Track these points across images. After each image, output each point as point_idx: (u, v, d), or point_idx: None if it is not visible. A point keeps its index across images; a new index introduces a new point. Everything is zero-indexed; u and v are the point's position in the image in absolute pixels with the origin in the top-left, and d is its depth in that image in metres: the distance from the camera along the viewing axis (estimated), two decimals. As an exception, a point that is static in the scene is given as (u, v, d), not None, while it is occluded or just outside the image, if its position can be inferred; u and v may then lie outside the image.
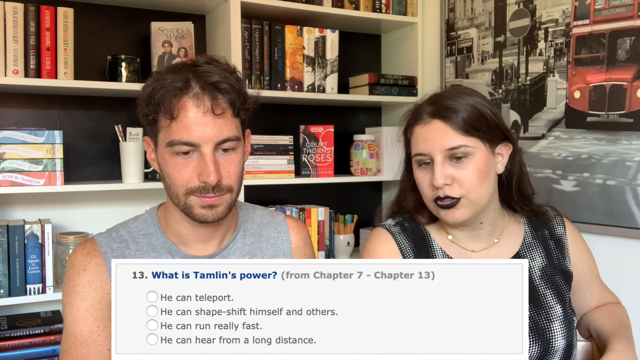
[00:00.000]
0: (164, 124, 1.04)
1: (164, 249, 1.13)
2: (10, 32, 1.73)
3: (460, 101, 1.13)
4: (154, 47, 1.98)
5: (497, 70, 2.12)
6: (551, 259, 1.22)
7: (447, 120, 1.11)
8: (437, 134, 1.12)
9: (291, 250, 1.23)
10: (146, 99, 1.05)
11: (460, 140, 1.11)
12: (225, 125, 1.04)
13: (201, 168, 1.03)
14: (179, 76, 1.03)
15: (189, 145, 1.03)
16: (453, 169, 1.11)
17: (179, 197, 1.06)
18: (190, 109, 1.02)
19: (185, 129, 1.02)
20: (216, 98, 1.03)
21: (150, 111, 1.04)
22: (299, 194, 2.42)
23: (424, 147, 1.13)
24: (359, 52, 2.57)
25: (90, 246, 1.12)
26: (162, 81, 1.04)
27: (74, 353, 1.05)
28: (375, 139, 2.36)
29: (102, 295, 1.08)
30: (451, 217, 1.13)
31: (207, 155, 1.03)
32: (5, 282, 1.73)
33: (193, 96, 1.02)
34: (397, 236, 1.22)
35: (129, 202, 2.08)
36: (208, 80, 1.03)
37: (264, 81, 2.13)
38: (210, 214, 1.07)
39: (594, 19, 1.79)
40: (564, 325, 1.15)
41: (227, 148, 1.06)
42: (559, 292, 1.18)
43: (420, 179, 1.16)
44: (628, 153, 1.70)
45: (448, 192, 1.11)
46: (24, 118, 1.96)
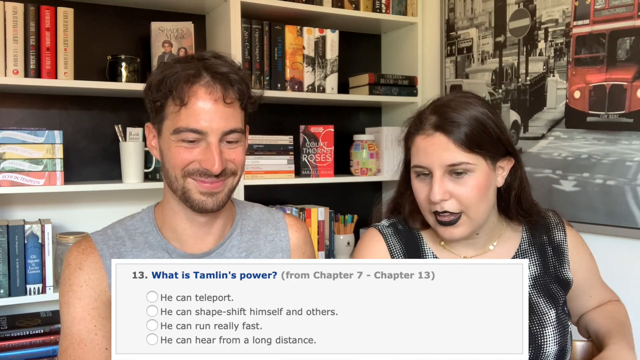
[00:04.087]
0: (172, 110, 1.04)
1: (160, 247, 1.13)
2: (10, 32, 1.73)
3: (464, 114, 1.09)
4: (154, 47, 1.98)
5: (497, 70, 2.12)
6: (547, 266, 1.20)
7: (449, 135, 1.08)
8: (438, 148, 1.09)
9: (289, 248, 1.22)
10: (157, 85, 1.05)
11: (461, 157, 1.08)
12: (233, 116, 1.05)
13: (206, 156, 1.03)
14: (190, 65, 1.05)
15: (196, 133, 1.03)
16: (452, 184, 1.09)
17: (177, 180, 1.06)
18: (202, 97, 1.03)
19: (194, 116, 1.02)
20: (227, 88, 1.04)
21: (160, 97, 1.04)
22: (299, 194, 2.42)
23: (424, 160, 1.10)
24: (359, 52, 2.57)
25: (85, 244, 1.12)
26: (173, 69, 1.05)
27: (72, 353, 1.04)
28: (375, 139, 2.36)
29: (99, 294, 1.08)
30: (448, 235, 1.12)
31: (213, 144, 1.03)
32: (5, 282, 1.73)
33: (205, 84, 1.03)
34: (389, 238, 1.21)
35: (129, 202, 2.08)
36: (219, 70, 1.05)
37: (264, 81, 2.13)
38: (210, 201, 1.06)
39: (594, 19, 1.79)
40: (557, 330, 1.14)
41: (232, 140, 1.06)
42: (552, 297, 1.17)
43: (418, 190, 1.14)
44: (628, 153, 1.70)
45: (446, 207, 1.09)
46: (24, 118, 1.96)
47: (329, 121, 2.33)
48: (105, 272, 1.09)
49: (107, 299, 1.08)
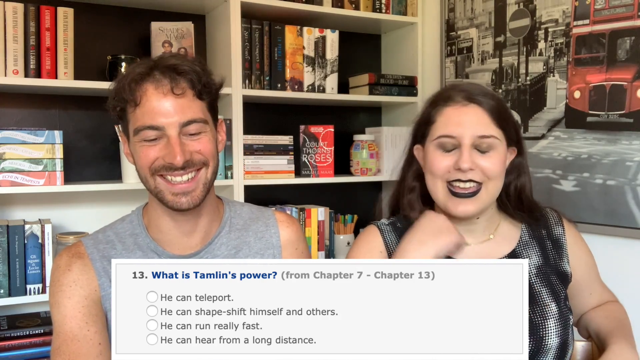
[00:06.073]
0: (130, 113, 1.06)
1: (149, 249, 1.14)
2: (10, 32, 1.73)
3: (490, 92, 1.16)
4: (154, 47, 1.98)
5: (497, 70, 2.12)
6: (547, 258, 1.21)
7: (484, 107, 1.12)
8: (473, 118, 1.11)
9: (280, 244, 1.21)
10: (113, 93, 1.08)
11: (492, 129, 1.11)
12: (188, 107, 1.05)
13: (167, 150, 1.04)
14: (142, 66, 1.07)
15: (154, 130, 1.04)
16: (478, 157, 1.11)
17: (148, 181, 1.07)
18: (152, 93, 1.04)
19: (148, 113, 1.04)
20: (175, 79, 1.05)
21: (117, 103, 1.07)
22: (299, 194, 2.42)
23: (455, 130, 1.11)
24: (359, 52, 2.57)
25: (75, 249, 1.13)
26: (128, 74, 1.07)
27: (65, 350, 1.05)
28: (375, 139, 2.36)
29: (88, 293, 1.08)
30: (462, 209, 1.12)
31: (172, 137, 1.04)
32: (5, 282, 1.73)
33: (152, 80, 1.05)
34: (386, 233, 1.22)
35: (128, 202, 2.08)
36: (166, 63, 1.06)
37: (264, 81, 2.13)
38: (184, 200, 1.07)
39: (594, 19, 1.79)
40: (559, 323, 1.14)
41: (194, 132, 1.06)
42: (554, 290, 1.18)
43: (436, 159, 1.14)
44: (628, 153, 1.70)
45: (470, 175, 1.10)
46: (24, 118, 1.96)
47: (329, 121, 2.33)
48: (94, 274, 1.10)
49: (97, 298, 1.09)
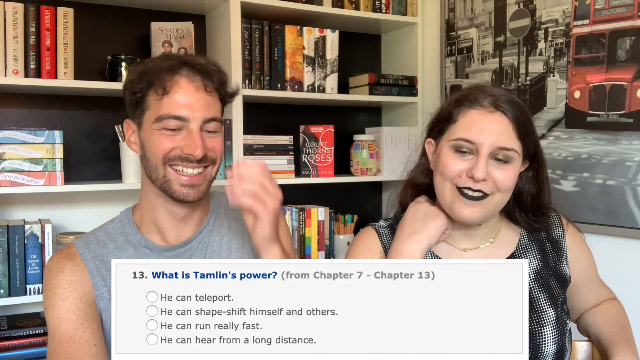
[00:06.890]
0: (154, 100, 1.07)
1: (140, 245, 1.16)
2: (10, 32, 1.73)
3: (519, 103, 1.10)
4: (154, 47, 1.98)
5: (497, 70, 2.12)
6: (547, 261, 1.20)
7: (509, 116, 1.08)
8: (497, 127, 1.07)
9: None
10: (138, 77, 1.09)
11: (514, 143, 1.08)
12: (212, 105, 1.10)
13: (188, 142, 1.07)
14: (170, 59, 1.10)
15: (178, 120, 1.06)
16: (494, 168, 1.08)
17: (157, 170, 1.09)
18: (183, 85, 1.07)
19: (176, 103, 1.06)
20: (206, 78, 1.10)
21: (141, 88, 1.08)
22: (299, 194, 2.42)
23: (476, 136, 1.07)
24: (359, 52, 2.57)
25: (66, 251, 1.14)
26: (154, 62, 1.09)
27: (61, 352, 1.04)
28: (375, 139, 2.36)
29: (82, 294, 1.09)
30: (467, 213, 1.09)
31: (194, 131, 1.07)
32: (5, 282, 1.73)
33: (185, 75, 1.08)
34: (383, 235, 1.22)
35: (128, 202, 2.06)
36: (197, 62, 1.10)
37: (264, 81, 2.13)
38: (191, 192, 1.10)
39: (594, 19, 1.79)
40: (556, 329, 1.13)
41: (211, 130, 1.10)
42: (552, 295, 1.16)
43: (450, 161, 1.10)
44: (628, 153, 1.70)
45: (480, 186, 1.07)
46: (24, 118, 1.96)
47: (329, 121, 2.33)
48: (87, 274, 1.10)
49: (91, 299, 1.09)
